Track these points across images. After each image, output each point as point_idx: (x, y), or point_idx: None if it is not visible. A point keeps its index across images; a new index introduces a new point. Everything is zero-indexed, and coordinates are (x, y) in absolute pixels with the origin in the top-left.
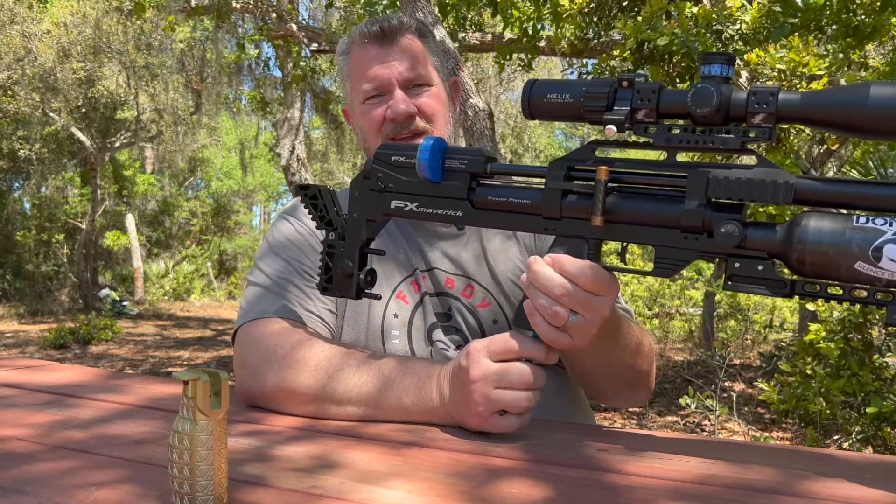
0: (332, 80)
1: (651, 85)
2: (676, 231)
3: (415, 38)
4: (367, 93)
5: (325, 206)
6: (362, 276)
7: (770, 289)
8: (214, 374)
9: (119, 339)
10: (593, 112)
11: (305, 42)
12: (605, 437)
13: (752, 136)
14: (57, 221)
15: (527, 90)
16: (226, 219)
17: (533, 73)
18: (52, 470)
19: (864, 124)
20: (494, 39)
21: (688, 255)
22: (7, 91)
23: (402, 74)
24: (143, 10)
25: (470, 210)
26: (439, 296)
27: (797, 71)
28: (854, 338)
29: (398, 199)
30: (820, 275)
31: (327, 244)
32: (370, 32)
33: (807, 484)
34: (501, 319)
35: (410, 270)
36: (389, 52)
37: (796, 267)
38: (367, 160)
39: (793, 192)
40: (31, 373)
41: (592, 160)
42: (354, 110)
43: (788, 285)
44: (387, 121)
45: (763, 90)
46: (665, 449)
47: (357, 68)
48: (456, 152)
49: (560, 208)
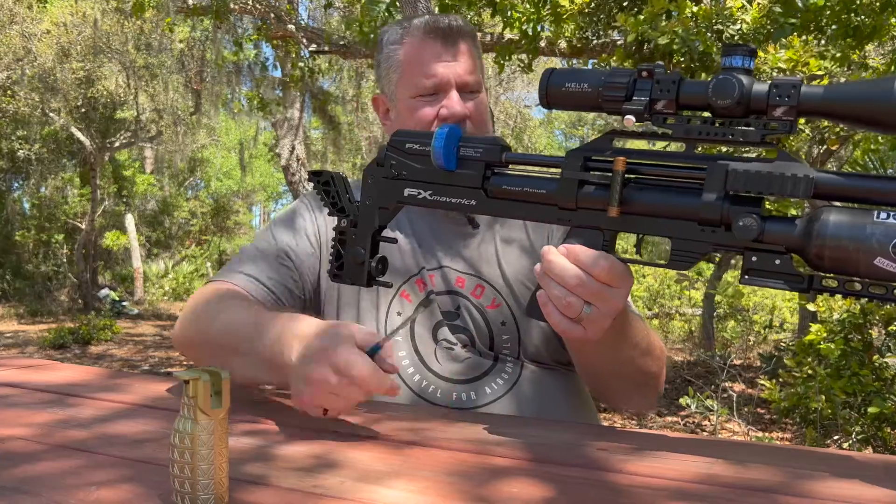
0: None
1: (671, 76)
2: (694, 223)
3: (472, 42)
4: (424, 89)
5: (337, 193)
6: (374, 263)
7: (787, 283)
8: (215, 374)
9: (119, 339)
10: (612, 102)
11: (304, 43)
12: (605, 437)
13: (772, 129)
14: (56, 221)
15: (544, 79)
16: (225, 219)
17: (533, 73)
18: (52, 470)
19: (887, 119)
20: (494, 40)
21: (705, 247)
22: (7, 91)
23: (460, 77)
24: (142, 10)
25: (484, 199)
26: (449, 294)
27: (797, 71)
28: (854, 338)
29: (412, 186)
30: (838, 270)
31: (339, 231)
32: (436, 28)
33: (807, 484)
34: (510, 321)
35: (417, 269)
36: (452, 51)
37: (815, 262)
38: (381, 147)
39: (813, 185)
40: (31, 372)
41: (611, 150)
42: (397, 102)
43: (806, 280)
44: (438, 119)
45: (785, 83)
46: (665, 449)
47: (414, 61)
48: (471, 141)
49: (576, 198)
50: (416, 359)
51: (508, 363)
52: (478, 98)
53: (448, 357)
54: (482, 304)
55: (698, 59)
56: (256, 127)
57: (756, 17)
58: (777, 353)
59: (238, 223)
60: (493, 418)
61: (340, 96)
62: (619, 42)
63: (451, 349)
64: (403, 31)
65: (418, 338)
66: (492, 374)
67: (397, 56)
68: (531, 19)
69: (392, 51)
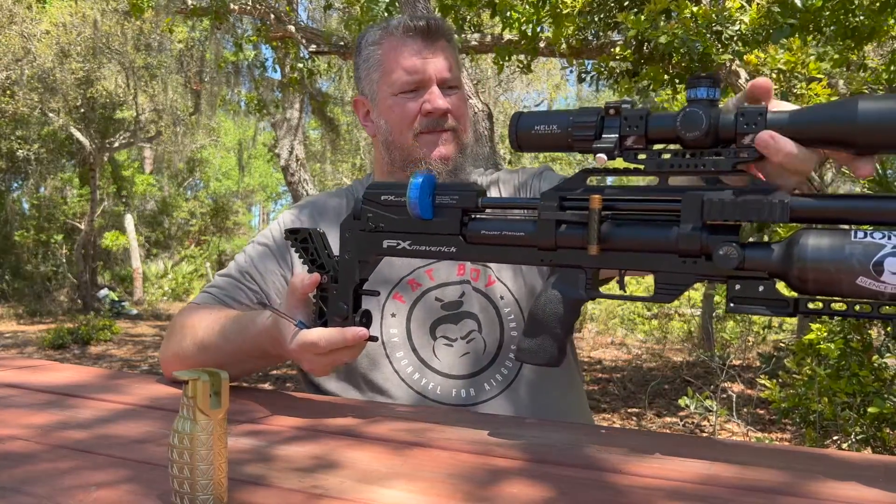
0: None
1: (638, 111)
2: (674, 256)
3: (450, 42)
4: (405, 85)
5: (315, 250)
6: (357, 317)
7: (772, 308)
8: (214, 374)
9: (118, 339)
10: (582, 141)
11: (304, 43)
12: (605, 437)
13: (743, 158)
14: (56, 222)
15: (514, 123)
16: (224, 219)
17: (532, 74)
18: (52, 470)
19: (855, 139)
20: (493, 40)
21: (687, 279)
22: (6, 91)
23: (440, 73)
24: (140, 11)
25: (463, 245)
26: (450, 285)
27: (796, 71)
28: (853, 338)
29: (390, 238)
30: (822, 292)
31: (320, 287)
32: (416, 26)
33: (807, 484)
34: (508, 296)
35: (410, 269)
36: (432, 48)
37: (798, 285)
38: (356, 201)
39: (789, 209)
40: (30, 373)
41: (584, 188)
42: (379, 102)
43: (791, 304)
44: (421, 114)
45: (751, 110)
46: (665, 449)
47: (394, 59)
48: (446, 188)
49: (555, 239)
50: (415, 358)
51: (508, 360)
52: (458, 93)
53: (447, 353)
54: (481, 284)
55: (698, 60)
56: (255, 127)
57: (754, 18)
58: (776, 354)
59: (237, 223)
60: (493, 418)
61: (339, 97)
62: (618, 41)
63: (451, 345)
64: (383, 32)
65: (415, 337)
66: (490, 370)
67: (377, 55)
68: (530, 20)
69: (372, 51)
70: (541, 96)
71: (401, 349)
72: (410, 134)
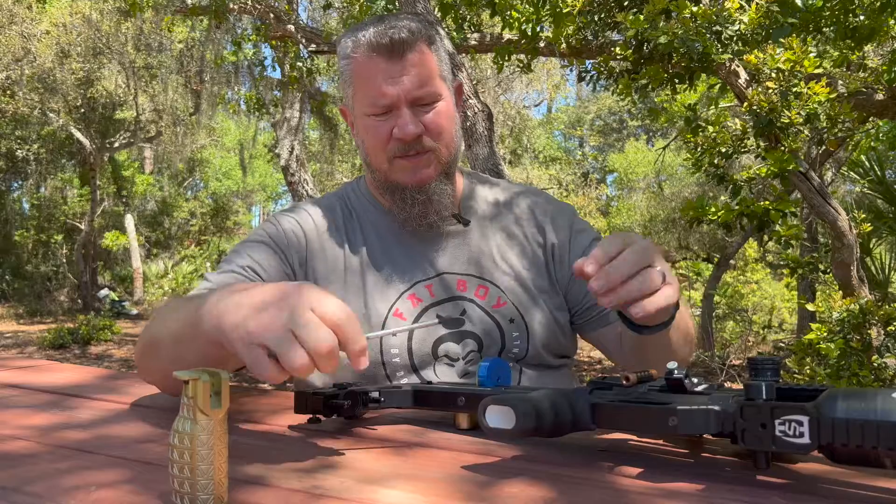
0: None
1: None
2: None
3: (425, 48)
4: (376, 108)
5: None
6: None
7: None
8: (215, 374)
9: (118, 339)
10: None
11: (303, 43)
12: (605, 438)
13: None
14: (56, 222)
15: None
16: (225, 219)
17: (532, 73)
18: (52, 470)
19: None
20: (493, 40)
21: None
22: (6, 91)
23: (410, 93)
24: (139, 10)
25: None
26: (451, 300)
27: (795, 71)
28: (853, 338)
29: None
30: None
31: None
32: (379, 45)
33: (807, 483)
34: (518, 318)
35: (409, 284)
36: (398, 67)
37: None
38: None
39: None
40: (30, 373)
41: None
42: (356, 119)
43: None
44: (393, 140)
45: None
46: (665, 449)
47: (362, 80)
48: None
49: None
50: (416, 378)
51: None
52: (435, 108)
53: (448, 373)
54: (488, 304)
55: (698, 60)
56: (256, 127)
57: (754, 18)
58: (776, 354)
59: (237, 223)
60: None
61: (339, 97)
62: (618, 41)
63: (452, 365)
64: (353, 44)
65: (416, 357)
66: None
67: (349, 70)
68: (530, 19)
69: (344, 65)
70: (541, 96)
71: (401, 370)
72: (385, 157)
